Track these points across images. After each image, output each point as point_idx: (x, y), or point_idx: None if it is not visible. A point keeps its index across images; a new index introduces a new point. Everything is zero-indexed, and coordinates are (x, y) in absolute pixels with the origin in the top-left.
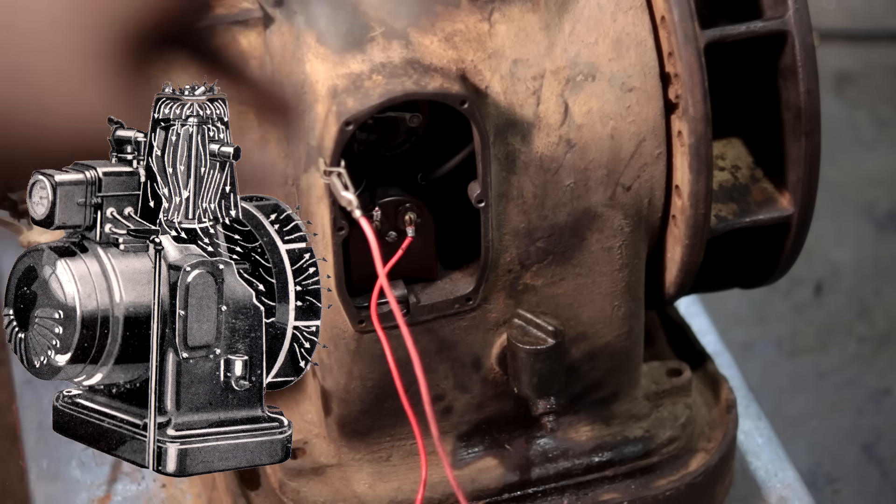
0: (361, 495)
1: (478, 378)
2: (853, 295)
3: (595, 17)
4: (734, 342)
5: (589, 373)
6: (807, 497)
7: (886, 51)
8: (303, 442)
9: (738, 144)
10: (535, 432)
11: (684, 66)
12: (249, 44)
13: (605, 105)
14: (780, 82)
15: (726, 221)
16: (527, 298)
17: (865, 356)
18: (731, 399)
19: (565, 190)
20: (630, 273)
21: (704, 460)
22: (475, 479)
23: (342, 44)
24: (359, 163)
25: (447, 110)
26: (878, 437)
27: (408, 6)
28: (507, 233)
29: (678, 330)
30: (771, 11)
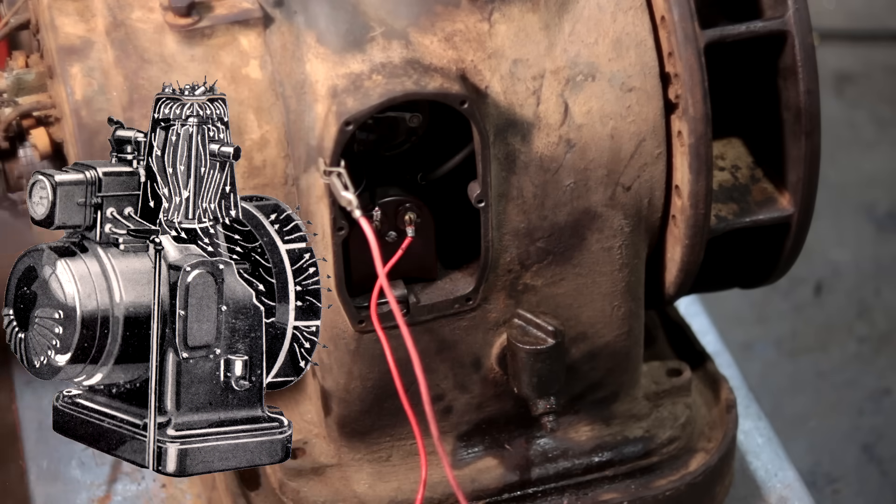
0: (361, 495)
1: (478, 378)
2: (853, 295)
3: (595, 17)
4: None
5: (589, 373)
6: (807, 497)
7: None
8: (303, 442)
9: (738, 144)
10: (535, 432)
11: (684, 66)
12: (249, 44)
13: (605, 105)
14: (780, 82)
15: (726, 221)
16: (527, 298)
17: (865, 356)
18: (731, 399)
19: (565, 190)
20: (630, 273)
21: (704, 460)
22: (475, 479)
23: (342, 44)
24: (359, 163)
25: (447, 110)
26: (878, 437)
27: (408, 6)
28: (507, 233)
29: (678, 330)
30: (771, 11)
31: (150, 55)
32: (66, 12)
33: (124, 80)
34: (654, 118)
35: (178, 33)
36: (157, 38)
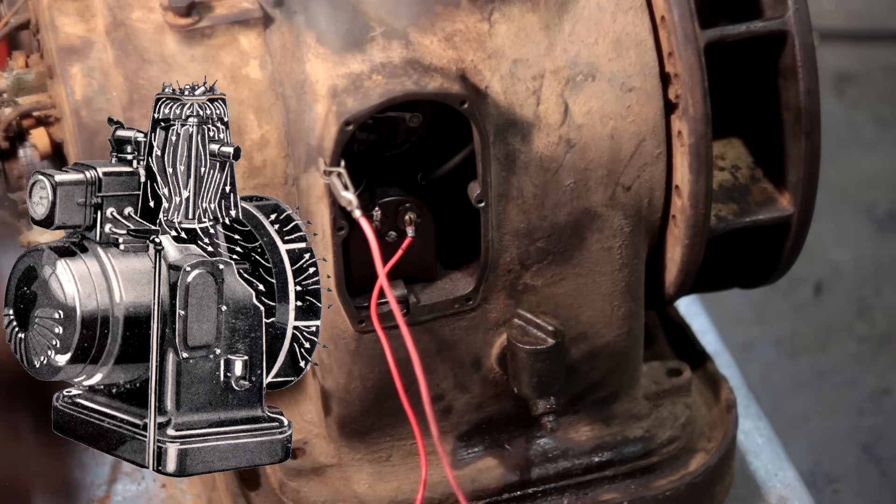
0: (361, 495)
1: (478, 378)
2: (853, 295)
3: (595, 17)
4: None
5: (589, 373)
6: (807, 497)
7: (886, 51)
8: (303, 442)
9: (738, 144)
10: (535, 432)
11: (684, 66)
12: (249, 44)
13: (605, 105)
14: (780, 82)
15: (726, 221)
16: (527, 298)
17: (865, 356)
18: (731, 399)
19: (565, 190)
20: (630, 273)
21: (704, 460)
22: (475, 479)
23: (342, 44)
24: (359, 163)
25: (447, 110)
26: (878, 437)
27: (408, 6)
28: (507, 233)
29: (678, 330)
30: (771, 11)
31: (150, 55)
32: (66, 12)
33: (124, 80)
34: (654, 118)
35: (178, 33)
36: (157, 38)
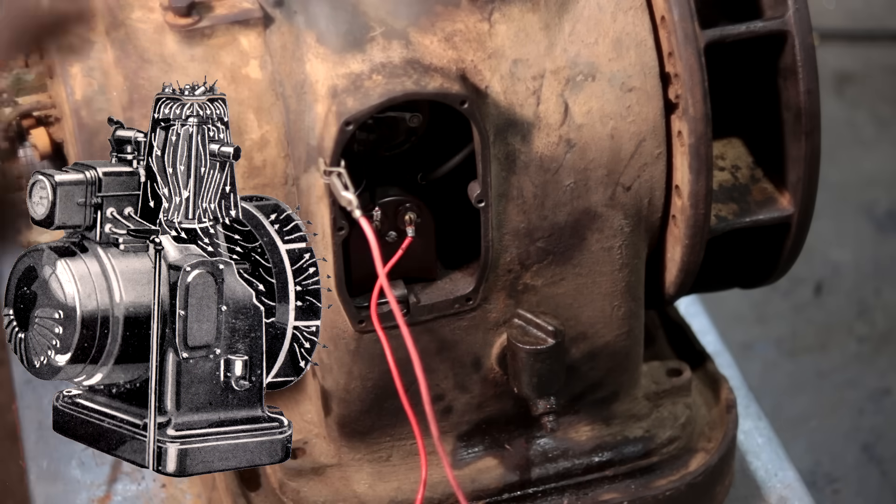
0: (361, 495)
1: (478, 378)
2: (853, 295)
3: (595, 17)
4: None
5: (589, 373)
6: (807, 497)
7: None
8: (303, 442)
9: (738, 144)
10: (535, 432)
11: (684, 66)
12: (249, 44)
13: (605, 105)
14: (780, 82)
15: (726, 221)
16: (527, 298)
17: (865, 356)
18: (731, 399)
19: (565, 190)
20: (630, 273)
21: (704, 460)
22: (475, 479)
23: (342, 44)
24: (359, 163)
25: (447, 110)
26: (878, 437)
27: (408, 6)
28: (507, 233)
29: (678, 330)
30: (771, 11)
31: (150, 55)
32: None
33: (124, 80)
34: (654, 118)
35: (178, 33)
36: (157, 38)
